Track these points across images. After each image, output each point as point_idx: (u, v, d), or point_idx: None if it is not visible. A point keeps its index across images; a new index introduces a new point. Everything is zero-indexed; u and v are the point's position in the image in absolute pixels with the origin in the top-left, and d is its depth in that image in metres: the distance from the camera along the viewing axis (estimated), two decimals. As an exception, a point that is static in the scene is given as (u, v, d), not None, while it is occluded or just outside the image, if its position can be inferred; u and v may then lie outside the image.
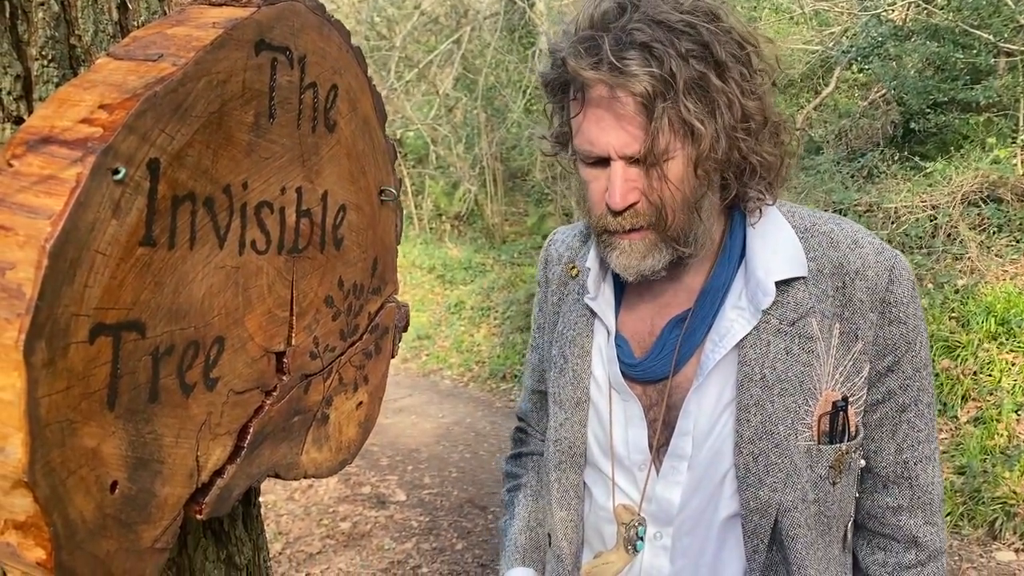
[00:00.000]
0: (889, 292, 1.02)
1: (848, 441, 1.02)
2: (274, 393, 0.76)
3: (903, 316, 1.02)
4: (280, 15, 0.69)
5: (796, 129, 1.10)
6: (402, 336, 0.99)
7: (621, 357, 1.11)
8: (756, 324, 1.02)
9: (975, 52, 7.15)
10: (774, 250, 1.03)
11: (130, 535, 0.60)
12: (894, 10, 7.95)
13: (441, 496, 4.71)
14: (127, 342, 0.57)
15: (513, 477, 1.40)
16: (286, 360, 0.77)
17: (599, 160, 0.98)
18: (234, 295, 0.69)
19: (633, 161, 0.96)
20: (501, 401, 6.73)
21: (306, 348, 0.79)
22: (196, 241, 0.63)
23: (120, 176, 0.54)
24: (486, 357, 7.67)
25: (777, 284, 1.01)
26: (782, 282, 1.02)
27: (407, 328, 0.99)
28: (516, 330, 7.78)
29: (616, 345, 1.12)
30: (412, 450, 5.49)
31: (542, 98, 1.09)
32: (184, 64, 0.59)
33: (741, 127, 0.96)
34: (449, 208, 12.23)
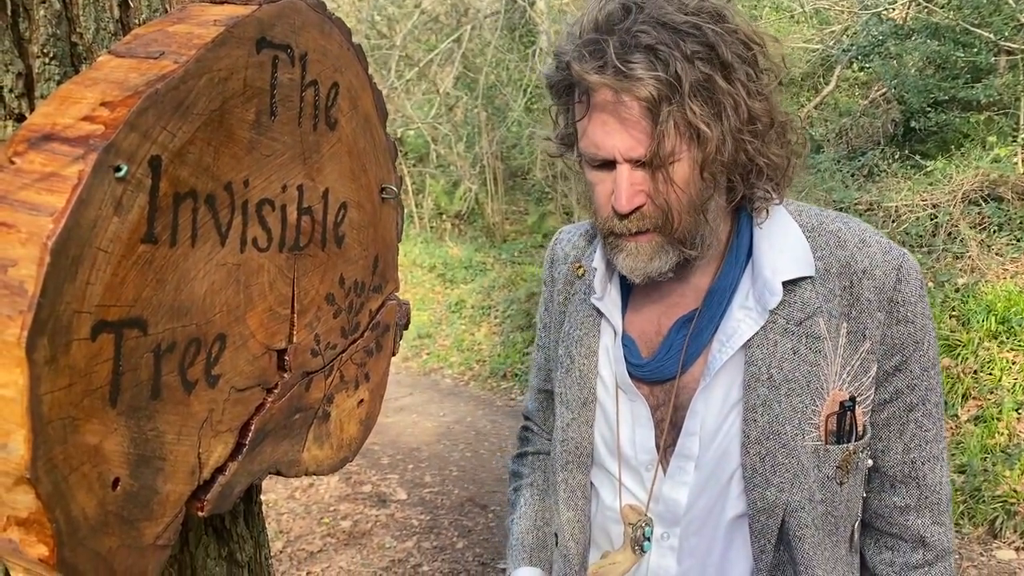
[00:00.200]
0: (897, 291, 1.01)
1: (855, 441, 1.02)
2: (275, 390, 0.76)
3: (911, 315, 1.02)
4: (281, 13, 0.69)
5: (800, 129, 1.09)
6: (403, 334, 0.99)
7: (628, 357, 1.10)
8: (763, 324, 1.01)
9: (976, 51, 7.14)
10: (781, 249, 1.03)
11: (132, 532, 0.60)
12: (895, 8, 7.95)
13: (442, 495, 4.71)
14: (129, 339, 0.58)
15: (519, 476, 1.40)
16: (287, 357, 0.77)
17: (605, 163, 0.98)
18: (235, 292, 0.69)
19: (639, 164, 0.95)
20: (502, 400, 6.73)
21: (307, 346, 0.80)
22: (198, 238, 0.63)
23: (122, 173, 0.54)
24: (487, 356, 7.67)
25: (784, 284, 1.01)
26: (789, 282, 1.01)
27: (408, 326, 0.99)
28: (517, 329, 7.78)
29: (623, 345, 1.11)
30: (413, 449, 5.49)
31: (543, 97, 1.09)
32: (185, 62, 0.59)
33: (747, 129, 0.95)
34: (450, 207, 12.23)
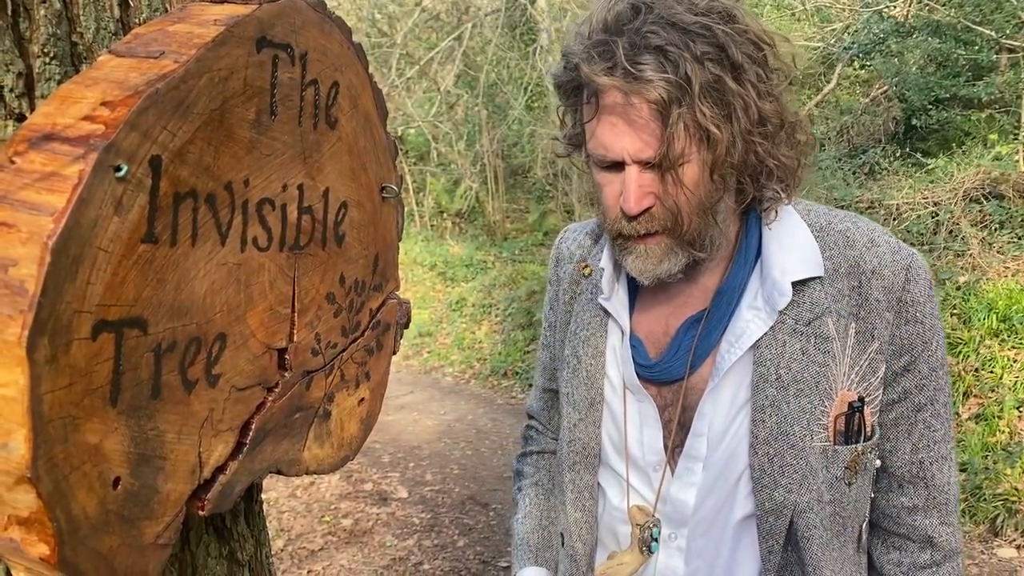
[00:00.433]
0: (906, 291, 1.01)
1: (864, 442, 1.02)
2: (276, 389, 0.76)
3: (919, 315, 1.01)
4: (281, 12, 0.69)
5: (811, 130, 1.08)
6: (403, 333, 0.99)
7: (636, 358, 1.10)
8: (772, 324, 1.01)
9: (977, 48, 7.14)
10: (790, 249, 1.02)
11: (133, 531, 0.60)
12: (896, 6, 7.94)
13: (443, 493, 4.72)
14: (129, 339, 0.58)
15: (523, 476, 1.39)
16: (288, 357, 0.77)
17: (613, 164, 0.97)
18: (236, 292, 0.69)
19: (648, 166, 0.94)
20: (502, 398, 6.73)
21: (308, 345, 0.80)
22: (198, 238, 0.63)
23: (122, 173, 0.54)
24: (487, 354, 7.67)
25: (793, 284, 1.00)
26: (798, 282, 1.01)
27: (408, 325, 0.99)
28: (517, 327, 7.78)
29: (631, 346, 1.11)
30: (414, 447, 5.50)
31: (543, 95, 1.09)
32: (186, 61, 0.59)
33: (757, 130, 0.94)
34: (450, 205, 12.22)
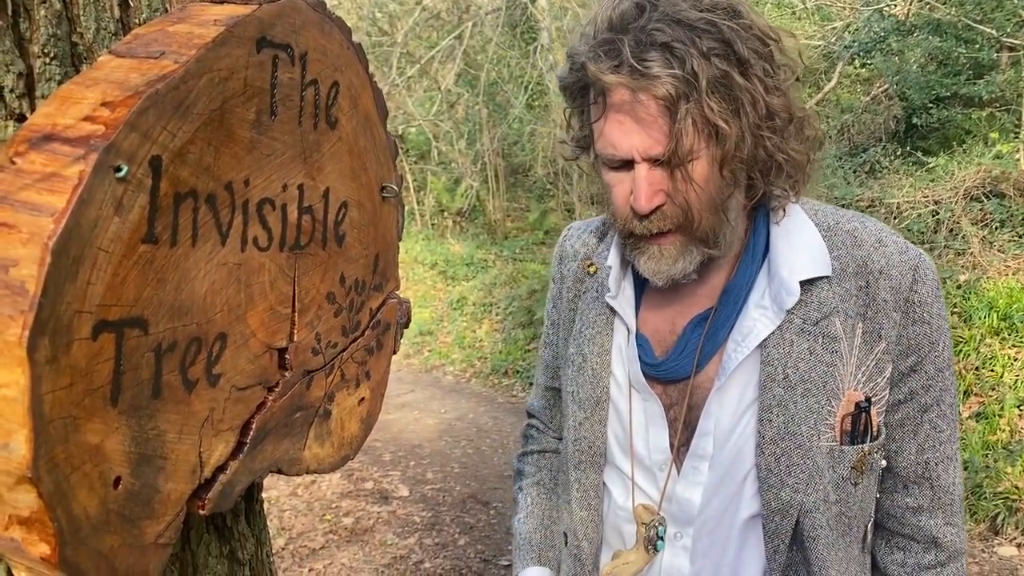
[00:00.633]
0: (913, 292, 1.01)
1: (870, 442, 1.01)
2: (276, 389, 0.76)
3: (927, 316, 1.01)
4: (281, 12, 0.69)
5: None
6: (404, 332, 0.99)
7: (642, 356, 1.10)
8: (779, 324, 1.00)
9: (978, 47, 7.14)
10: (798, 249, 1.02)
11: (133, 531, 0.60)
12: (896, 5, 7.93)
13: (443, 492, 4.72)
14: (130, 339, 0.58)
15: (524, 475, 1.38)
16: (288, 356, 0.77)
17: (623, 164, 0.97)
18: (236, 292, 0.69)
19: (657, 163, 0.94)
20: (503, 397, 6.73)
21: (308, 344, 0.80)
22: (198, 238, 0.63)
23: (122, 174, 0.54)
24: (488, 353, 7.67)
25: (801, 283, 1.00)
26: (806, 281, 1.00)
27: (409, 324, 0.99)
28: (518, 326, 7.78)
29: (636, 344, 1.10)
30: (414, 446, 5.50)
31: (544, 94, 1.09)
32: (186, 61, 0.59)
33: (766, 125, 0.94)
34: (451, 204, 12.22)
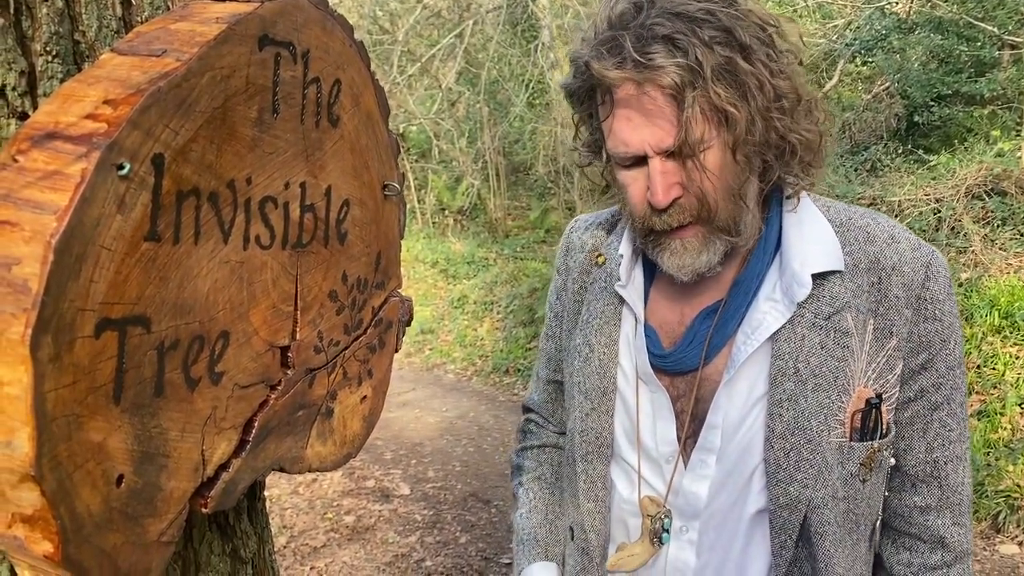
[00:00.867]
0: (925, 289, 1.00)
1: (880, 439, 1.01)
2: (279, 387, 0.76)
3: (938, 313, 1.01)
4: (283, 10, 0.69)
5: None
6: (406, 330, 0.99)
7: (649, 347, 1.09)
8: (790, 317, 1.00)
9: (979, 45, 7.12)
10: (810, 242, 1.02)
11: (136, 528, 0.60)
12: (898, 3, 7.92)
13: (445, 490, 4.72)
14: (132, 337, 0.58)
15: (523, 470, 1.36)
16: (291, 354, 0.77)
17: (635, 161, 0.97)
18: (239, 290, 0.69)
19: (670, 155, 0.94)
20: (504, 395, 6.74)
21: (310, 342, 0.80)
22: (200, 236, 0.63)
23: (125, 171, 0.54)
24: (489, 351, 7.67)
25: (813, 277, 1.00)
26: (818, 275, 1.00)
27: (411, 322, 0.99)
28: (519, 324, 7.78)
29: (644, 335, 1.10)
30: (416, 444, 5.50)
31: (545, 92, 1.09)
32: (188, 59, 0.59)
33: (775, 107, 0.94)
34: (452, 202, 12.22)
